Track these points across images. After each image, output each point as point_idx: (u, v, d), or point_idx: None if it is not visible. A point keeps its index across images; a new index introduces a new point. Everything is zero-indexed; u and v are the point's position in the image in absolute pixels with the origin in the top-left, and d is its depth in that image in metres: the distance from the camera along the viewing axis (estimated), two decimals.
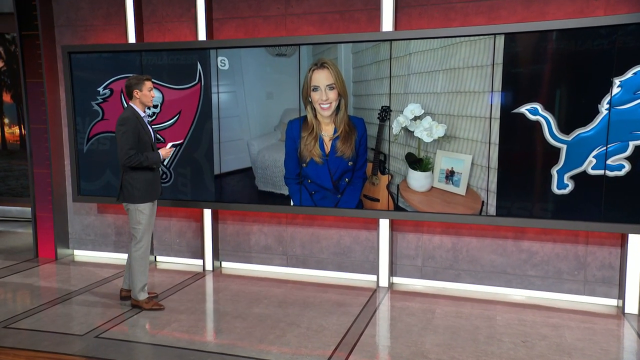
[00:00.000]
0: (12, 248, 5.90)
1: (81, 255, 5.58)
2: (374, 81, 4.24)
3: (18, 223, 7.25)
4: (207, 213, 4.98)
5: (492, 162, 3.99)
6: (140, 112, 3.84)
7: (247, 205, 4.72)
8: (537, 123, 3.86)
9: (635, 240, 3.88)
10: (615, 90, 3.66)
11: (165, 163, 4.88)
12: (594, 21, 3.66)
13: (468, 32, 3.93)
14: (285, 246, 4.92)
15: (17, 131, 7.65)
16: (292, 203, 4.60)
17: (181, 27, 4.93)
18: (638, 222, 3.73)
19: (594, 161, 3.77)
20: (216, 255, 5.09)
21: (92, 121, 5.07)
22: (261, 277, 4.81)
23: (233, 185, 4.76)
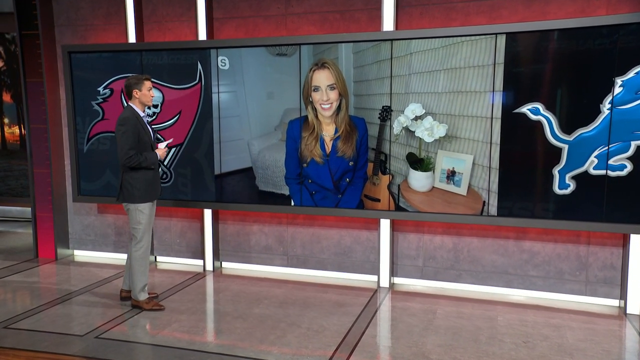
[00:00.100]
0: (12, 248, 5.89)
1: (81, 255, 5.57)
2: (375, 81, 4.23)
3: (18, 223, 7.24)
4: (208, 213, 4.97)
5: (494, 162, 3.98)
6: (139, 112, 3.84)
7: (248, 205, 4.71)
8: (539, 123, 3.85)
9: (637, 240, 3.86)
10: (617, 90, 3.65)
11: (165, 163, 4.87)
12: (596, 21, 3.65)
13: (469, 32, 3.92)
14: (285, 246, 4.90)
15: (17, 131, 7.64)
16: (293, 203, 4.59)
17: (181, 27, 4.92)
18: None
19: (596, 161, 3.76)
20: (216, 255, 5.07)
21: (92, 121, 5.06)
22: (262, 278, 4.80)
23: (233, 185, 4.75)
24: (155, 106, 4.84)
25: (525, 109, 3.88)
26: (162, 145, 3.99)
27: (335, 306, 4.06)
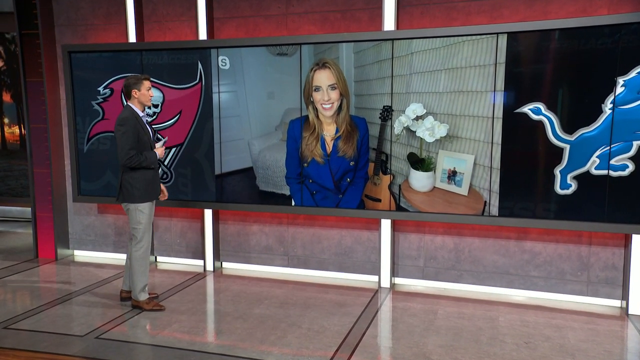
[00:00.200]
0: (12, 248, 5.88)
1: (81, 255, 5.56)
2: (376, 81, 4.22)
3: (18, 223, 7.23)
4: (208, 213, 4.96)
5: (495, 162, 3.97)
6: (139, 112, 3.83)
7: (248, 205, 4.70)
8: (540, 123, 3.84)
9: (638, 240, 3.85)
10: (619, 89, 3.64)
11: (165, 163, 4.87)
12: (597, 20, 3.64)
13: (470, 32, 3.91)
14: (286, 246, 4.89)
15: (17, 131, 7.63)
16: (294, 203, 4.58)
17: (182, 27, 4.91)
18: None
19: (598, 161, 3.75)
20: (217, 255, 5.06)
21: (93, 121, 5.05)
22: (262, 278, 4.80)
23: (234, 185, 4.74)
24: (155, 106, 4.83)
25: (526, 109, 3.87)
26: (159, 144, 3.98)
27: (336, 306, 4.05)
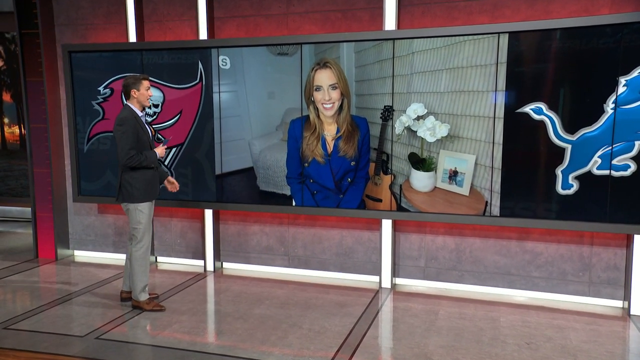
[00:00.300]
0: (12, 248, 5.87)
1: (81, 255, 5.55)
2: (377, 80, 4.20)
3: (18, 223, 7.23)
4: (209, 213, 4.95)
5: (496, 162, 3.96)
6: (137, 112, 3.82)
7: (249, 205, 4.69)
8: (542, 123, 3.83)
9: None
10: (620, 89, 3.63)
11: (166, 163, 4.86)
12: (599, 19, 3.63)
13: (471, 31, 3.90)
14: (287, 247, 4.88)
15: (17, 131, 7.62)
16: (294, 203, 4.57)
17: (182, 26, 4.90)
18: None
19: (599, 161, 3.74)
20: (217, 255, 5.05)
21: (93, 121, 5.04)
22: (263, 278, 4.78)
23: (234, 185, 4.73)
24: (156, 106, 4.82)
25: (528, 109, 3.85)
26: (161, 145, 3.97)
27: (336, 307, 4.04)
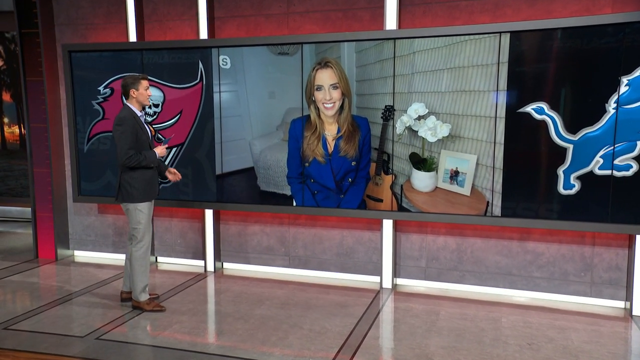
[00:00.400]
0: (12, 248, 5.87)
1: (81, 255, 5.54)
2: (378, 80, 4.19)
3: (18, 223, 7.22)
4: (209, 213, 4.94)
5: (497, 162, 3.95)
6: (136, 112, 3.82)
7: (249, 205, 4.68)
8: (543, 122, 3.82)
9: None
10: (622, 89, 3.61)
11: (166, 163, 4.84)
12: (601, 19, 3.62)
13: (473, 31, 3.89)
14: (287, 247, 4.87)
15: (17, 131, 7.61)
16: (295, 203, 4.56)
17: (182, 26, 4.89)
18: None
19: (601, 161, 3.73)
20: (218, 256, 5.04)
21: (93, 120, 5.03)
22: (263, 278, 4.77)
23: (235, 185, 4.72)
24: (156, 105, 4.81)
25: (529, 109, 3.84)
26: (162, 145, 3.96)
27: (337, 307, 4.03)
